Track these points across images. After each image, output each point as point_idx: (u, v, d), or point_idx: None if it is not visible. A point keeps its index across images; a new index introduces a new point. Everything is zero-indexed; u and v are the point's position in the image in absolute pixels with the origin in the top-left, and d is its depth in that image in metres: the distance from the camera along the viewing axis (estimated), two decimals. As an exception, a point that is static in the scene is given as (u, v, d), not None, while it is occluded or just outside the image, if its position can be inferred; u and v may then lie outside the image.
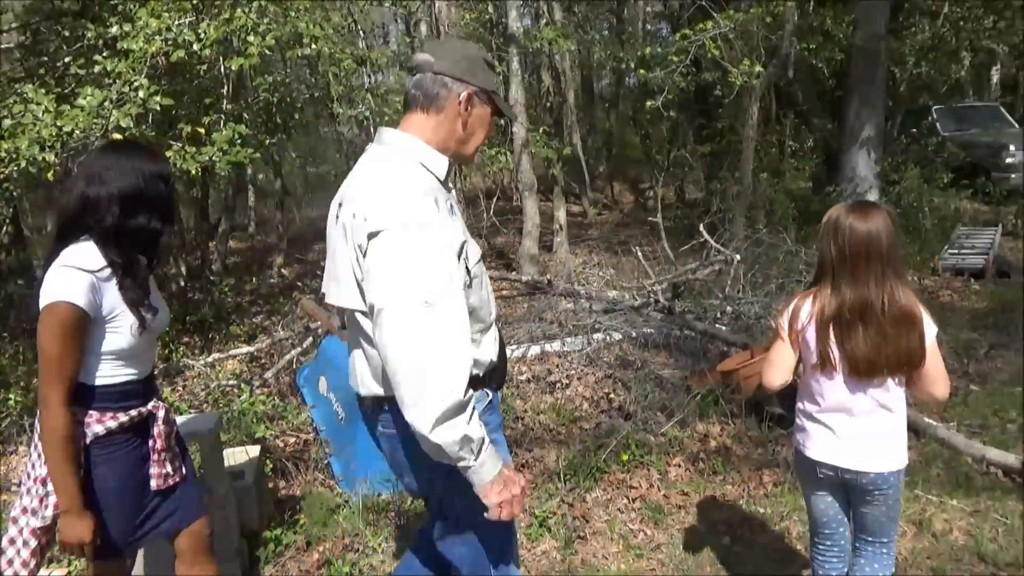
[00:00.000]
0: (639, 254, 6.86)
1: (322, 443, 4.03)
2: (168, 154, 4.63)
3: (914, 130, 11.48)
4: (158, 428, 2.10)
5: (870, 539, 2.28)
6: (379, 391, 1.80)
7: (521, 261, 8.39)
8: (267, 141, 6.04)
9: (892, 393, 2.13)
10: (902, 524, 3.11)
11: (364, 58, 6.63)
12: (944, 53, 13.24)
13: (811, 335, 2.14)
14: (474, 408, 1.65)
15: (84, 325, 1.88)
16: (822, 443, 2.20)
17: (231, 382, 5.00)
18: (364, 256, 1.66)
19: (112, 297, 1.94)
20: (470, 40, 10.66)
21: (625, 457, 3.83)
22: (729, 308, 5.76)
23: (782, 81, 9.74)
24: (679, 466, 3.83)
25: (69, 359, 1.87)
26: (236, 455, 3.33)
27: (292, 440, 4.26)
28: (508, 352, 5.44)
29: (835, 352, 2.10)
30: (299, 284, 7.94)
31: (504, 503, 1.70)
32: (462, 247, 1.71)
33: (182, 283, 7.16)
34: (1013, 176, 10.46)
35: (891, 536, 2.30)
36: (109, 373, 1.98)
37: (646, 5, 23.53)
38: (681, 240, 7.82)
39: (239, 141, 4.68)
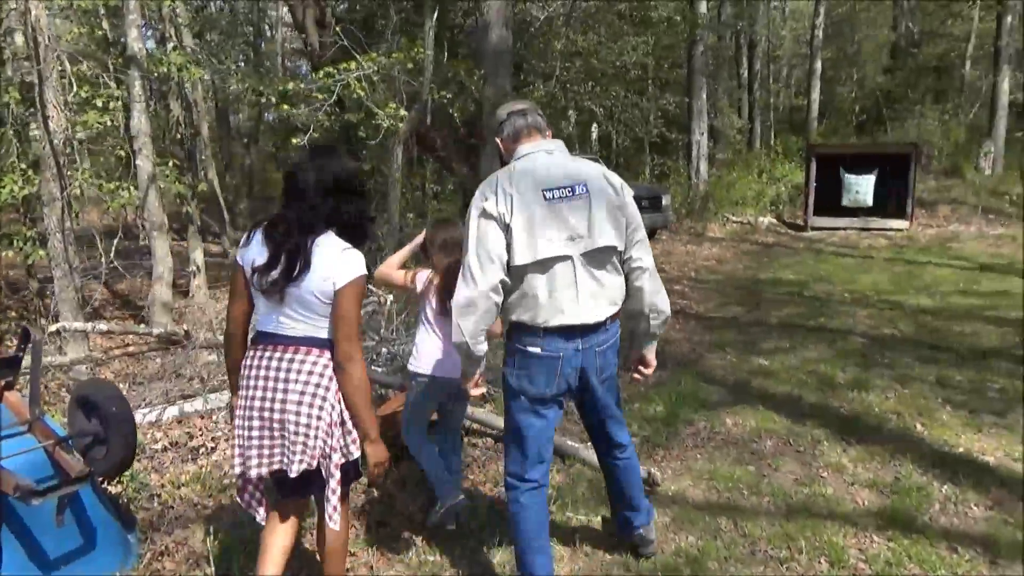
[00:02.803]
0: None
1: None
2: None
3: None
4: None
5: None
6: (611, 311, 2.70)
7: (152, 309, 7.42)
8: None
9: None
10: (558, 549, 3.27)
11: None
12: (556, 110, 15.16)
13: None
14: None
15: None
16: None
17: None
18: (625, 203, 2.68)
19: None
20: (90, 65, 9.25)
21: (284, 523, 3.47)
22: (384, 349, 5.71)
23: (422, 127, 10.17)
24: (343, 524, 3.59)
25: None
26: None
27: None
28: (139, 417, 4.73)
29: None
30: None
31: None
32: None
33: None
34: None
35: None
36: None
37: (285, 41, 23.15)
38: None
39: None
